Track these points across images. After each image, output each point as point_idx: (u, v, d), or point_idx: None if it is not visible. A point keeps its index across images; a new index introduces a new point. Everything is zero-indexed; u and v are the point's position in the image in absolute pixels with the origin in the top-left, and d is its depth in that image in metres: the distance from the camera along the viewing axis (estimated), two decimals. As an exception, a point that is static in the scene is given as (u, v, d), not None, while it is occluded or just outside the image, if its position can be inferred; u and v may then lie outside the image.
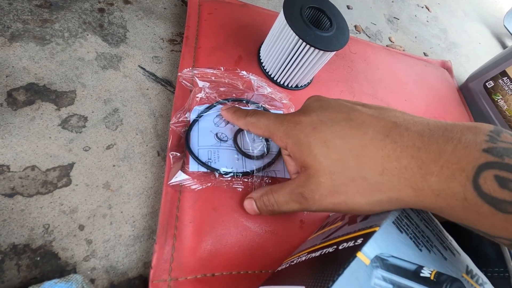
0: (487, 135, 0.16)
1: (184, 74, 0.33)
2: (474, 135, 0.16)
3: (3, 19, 0.31)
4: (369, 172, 0.18)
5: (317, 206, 0.21)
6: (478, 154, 0.15)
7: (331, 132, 0.20)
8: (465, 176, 0.15)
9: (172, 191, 0.27)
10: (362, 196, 0.19)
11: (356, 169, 0.19)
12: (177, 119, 0.30)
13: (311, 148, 0.21)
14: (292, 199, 0.22)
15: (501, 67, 0.52)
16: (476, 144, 0.16)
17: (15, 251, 0.23)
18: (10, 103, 0.28)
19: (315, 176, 0.20)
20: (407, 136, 0.18)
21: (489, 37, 0.88)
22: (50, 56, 0.31)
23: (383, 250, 0.17)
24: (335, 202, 0.20)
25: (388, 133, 0.19)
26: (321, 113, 0.22)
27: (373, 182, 0.18)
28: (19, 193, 0.25)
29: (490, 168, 0.15)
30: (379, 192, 0.18)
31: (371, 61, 0.50)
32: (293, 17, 0.31)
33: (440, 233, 0.20)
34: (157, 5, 0.41)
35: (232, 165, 0.29)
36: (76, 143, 0.28)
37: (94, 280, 0.24)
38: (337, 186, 0.20)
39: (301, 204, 0.22)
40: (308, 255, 0.23)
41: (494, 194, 0.15)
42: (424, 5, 0.79)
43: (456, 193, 0.16)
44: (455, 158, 0.16)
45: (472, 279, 0.18)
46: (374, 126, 0.19)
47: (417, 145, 0.17)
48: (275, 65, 0.36)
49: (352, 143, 0.19)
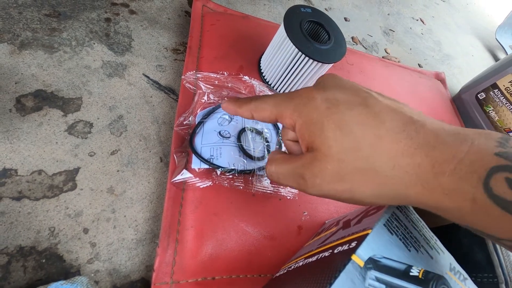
0: (497, 141, 0.17)
1: (187, 77, 0.34)
2: (486, 139, 0.17)
3: (13, 28, 0.32)
4: (381, 165, 0.18)
5: (316, 190, 0.20)
6: (490, 157, 0.16)
7: (348, 116, 0.19)
8: (477, 178, 0.15)
9: (175, 189, 0.28)
10: (368, 188, 0.19)
11: (368, 160, 0.18)
12: (181, 122, 0.31)
13: (323, 129, 0.19)
14: (292, 176, 0.21)
15: (492, 80, 0.54)
16: (488, 148, 0.16)
17: (21, 253, 0.24)
18: (18, 109, 0.29)
19: (321, 160, 0.19)
20: (423, 134, 0.18)
21: (482, 49, 0.91)
22: (58, 64, 0.32)
23: (375, 252, 0.18)
24: (339, 189, 0.19)
25: (405, 127, 0.18)
26: (337, 92, 0.20)
27: (384, 176, 0.18)
28: (26, 197, 0.25)
29: (501, 171, 0.15)
30: (387, 186, 0.18)
31: (367, 72, 0.51)
32: (293, 30, 0.33)
33: (426, 233, 0.21)
34: (161, 16, 0.42)
35: (234, 163, 0.30)
36: (82, 149, 0.29)
37: (97, 282, 0.25)
38: (343, 175, 0.19)
39: (299, 184, 0.21)
40: (305, 260, 0.24)
41: (504, 196, 0.15)
42: (419, 18, 0.82)
43: (466, 193, 0.16)
44: (468, 160, 0.16)
45: (455, 275, 0.20)
46: (391, 117, 0.19)
47: (432, 143, 0.17)
48: (275, 75, 0.37)
49: (367, 132, 0.18)
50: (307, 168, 0.20)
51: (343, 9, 0.65)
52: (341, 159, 0.19)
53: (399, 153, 0.18)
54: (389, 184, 0.18)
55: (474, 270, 0.26)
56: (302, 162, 0.21)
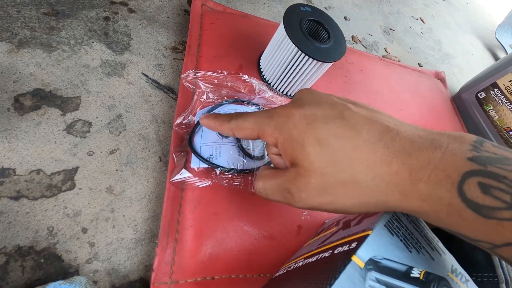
0: (471, 145, 0.17)
1: (186, 76, 0.34)
2: (459, 144, 0.17)
3: (12, 26, 0.32)
4: (361, 176, 0.19)
5: (302, 204, 0.21)
6: (463, 162, 0.16)
7: (326, 130, 0.20)
8: (451, 183, 0.16)
9: (174, 189, 0.28)
10: (350, 198, 0.19)
11: (347, 172, 0.19)
12: (181, 121, 0.31)
13: (304, 145, 0.20)
14: (279, 191, 0.22)
15: (492, 79, 0.54)
16: (461, 152, 0.17)
17: (19, 252, 0.23)
18: (17, 108, 0.28)
19: (304, 175, 0.20)
20: (399, 141, 0.18)
21: (482, 49, 0.91)
22: (56, 62, 0.32)
23: (376, 253, 0.17)
24: (322, 202, 0.20)
25: (381, 137, 0.19)
26: (314, 107, 0.21)
27: (364, 186, 0.19)
28: (25, 196, 0.25)
29: (474, 176, 0.16)
30: (367, 195, 0.19)
31: (367, 71, 0.51)
32: (293, 29, 0.33)
33: (427, 234, 0.21)
34: (160, 14, 0.42)
35: (233, 162, 0.30)
36: (81, 148, 0.29)
37: (96, 282, 0.24)
38: (326, 188, 0.19)
39: (286, 198, 0.22)
40: (304, 260, 0.24)
41: (477, 200, 0.15)
42: (419, 17, 0.82)
43: (441, 198, 0.16)
44: (442, 165, 0.17)
45: (456, 277, 0.19)
46: (367, 128, 0.19)
47: (407, 150, 0.18)
48: (275, 74, 0.37)
49: (345, 144, 0.19)
50: (292, 183, 0.21)
51: (343, 8, 0.65)
52: (323, 173, 0.19)
53: (377, 163, 0.18)
54: (369, 194, 0.19)
55: (474, 270, 0.26)
56: (287, 177, 0.21)
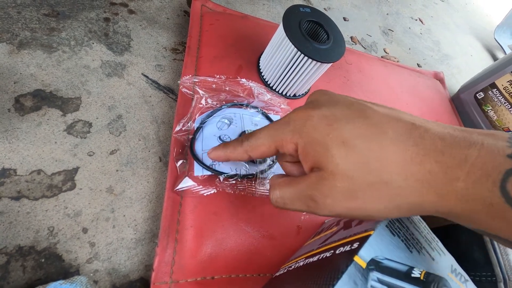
0: (507, 142, 0.16)
1: (184, 82, 0.34)
2: (494, 140, 0.16)
3: (12, 27, 0.32)
4: (392, 176, 0.17)
5: (328, 211, 0.19)
6: (503, 160, 0.15)
7: (349, 130, 0.18)
8: (492, 182, 0.15)
9: (174, 196, 0.28)
10: (381, 202, 0.18)
11: (378, 173, 0.17)
12: (180, 128, 0.31)
13: (328, 147, 0.18)
14: (300, 199, 0.20)
15: (490, 79, 0.54)
16: (498, 149, 0.16)
17: (20, 252, 0.24)
18: (17, 108, 0.28)
19: (329, 179, 0.18)
20: (429, 139, 0.17)
21: (481, 49, 0.91)
22: (56, 63, 0.32)
23: (377, 253, 0.18)
24: (351, 207, 0.18)
25: (409, 135, 0.17)
26: (332, 108, 0.20)
27: (396, 187, 0.17)
28: (25, 196, 0.25)
29: None
30: (400, 197, 0.17)
31: (366, 71, 0.51)
32: (292, 30, 0.33)
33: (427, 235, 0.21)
34: (160, 15, 0.42)
35: (236, 167, 0.30)
36: (81, 148, 0.29)
37: (96, 282, 0.25)
38: (354, 191, 0.18)
39: (309, 207, 0.20)
40: (305, 260, 0.24)
41: None
42: (418, 17, 0.82)
43: (482, 198, 0.15)
44: (480, 163, 0.16)
45: (456, 277, 0.20)
46: (392, 126, 0.18)
47: (439, 148, 0.17)
48: (274, 74, 0.37)
49: (371, 144, 0.18)
50: (315, 188, 0.19)
51: (342, 9, 0.65)
52: (350, 176, 0.18)
53: (408, 162, 0.17)
54: (402, 194, 0.17)
55: (472, 269, 0.26)
56: (307, 183, 0.20)
